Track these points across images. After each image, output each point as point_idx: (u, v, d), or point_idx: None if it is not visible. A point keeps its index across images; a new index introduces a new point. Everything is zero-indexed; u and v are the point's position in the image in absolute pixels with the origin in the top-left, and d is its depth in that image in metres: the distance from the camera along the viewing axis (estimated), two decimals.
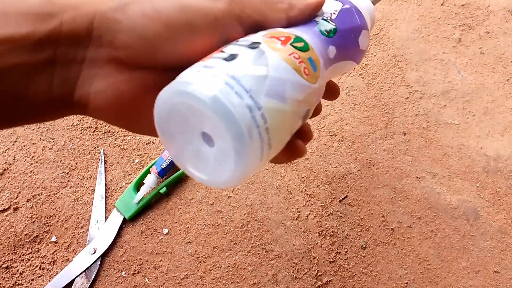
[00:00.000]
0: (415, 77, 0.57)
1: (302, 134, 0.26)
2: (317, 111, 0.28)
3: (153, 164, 0.50)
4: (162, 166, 0.49)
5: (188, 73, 0.21)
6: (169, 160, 0.49)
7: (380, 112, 0.55)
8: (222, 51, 0.22)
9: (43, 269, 0.46)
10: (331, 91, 0.30)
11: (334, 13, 0.27)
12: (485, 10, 0.60)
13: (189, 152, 0.22)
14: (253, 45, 0.22)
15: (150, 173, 0.49)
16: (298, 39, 0.24)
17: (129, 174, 0.51)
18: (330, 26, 0.26)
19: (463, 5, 0.61)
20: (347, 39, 0.27)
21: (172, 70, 0.23)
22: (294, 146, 0.25)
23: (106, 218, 0.49)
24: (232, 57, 0.21)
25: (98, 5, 0.22)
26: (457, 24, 0.60)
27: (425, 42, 0.59)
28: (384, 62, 0.57)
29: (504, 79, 0.56)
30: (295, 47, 0.23)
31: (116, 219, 0.48)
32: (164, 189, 0.49)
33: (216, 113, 0.19)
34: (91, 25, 0.21)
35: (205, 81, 0.20)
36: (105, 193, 0.50)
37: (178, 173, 0.50)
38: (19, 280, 0.46)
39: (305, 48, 0.23)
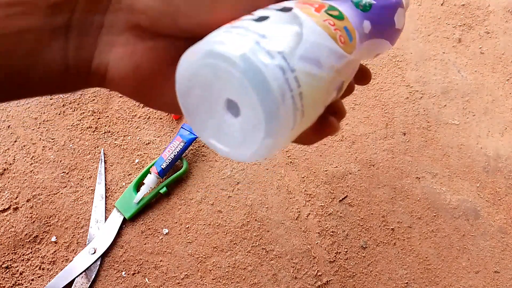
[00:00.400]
0: (415, 77, 0.57)
1: (336, 110, 0.24)
2: (350, 88, 0.26)
3: (153, 164, 0.50)
4: (162, 166, 0.49)
5: (214, 34, 0.20)
6: (169, 160, 0.49)
7: (380, 112, 0.55)
8: (252, 14, 0.21)
9: (43, 269, 0.46)
10: (363, 74, 0.28)
11: None
12: (485, 10, 0.60)
13: (212, 124, 0.21)
14: (285, 9, 0.21)
15: (150, 173, 0.49)
16: (332, 7, 0.23)
17: (129, 174, 0.51)
18: (365, 0, 0.25)
19: (463, 5, 0.61)
20: (383, 15, 0.26)
21: (195, 40, 0.21)
22: (326, 122, 0.23)
23: (106, 218, 0.49)
24: (262, 18, 0.20)
25: None
26: (457, 24, 0.60)
27: (425, 42, 0.59)
28: (384, 62, 0.57)
29: (504, 78, 0.56)
30: (330, 15, 0.22)
31: (116, 219, 0.48)
32: (164, 189, 0.49)
33: (245, 74, 0.17)
34: None
35: (233, 40, 0.18)
36: (105, 193, 0.50)
37: (178, 173, 0.50)
38: (19, 280, 0.46)
39: (340, 17, 0.22)
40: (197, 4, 0.21)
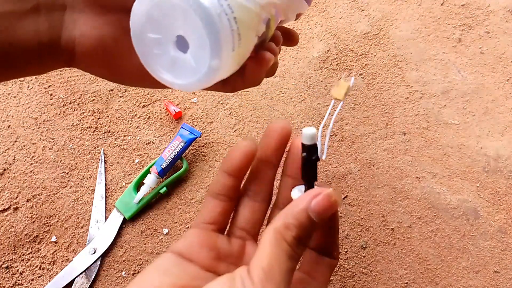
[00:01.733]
0: (415, 77, 0.57)
1: (269, 49, 0.28)
2: (277, 39, 0.30)
3: (153, 164, 0.50)
4: (162, 166, 0.49)
5: None
6: (169, 160, 0.49)
7: (380, 112, 0.55)
8: None
9: (43, 269, 0.46)
10: (290, 36, 0.33)
11: None
12: (485, 10, 0.60)
13: (165, 62, 0.24)
14: None
15: (150, 173, 0.49)
16: None
17: (129, 174, 0.51)
18: None
19: (463, 5, 0.61)
20: None
21: None
22: (262, 55, 0.27)
23: (106, 218, 0.49)
24: None
25: None
26: (457, 24, 0.60)
27: (425, 42, 0.59)
28: (384, 62, 0.57)
29: (504, 79, 0.56)
30: None
31: (116, 219, 0.48)
32: (164, 189, 0.49)
33: (190, 6, 0.21)
34: None
35: None
36: (105, 193, 0.50)
37: (178, 173, 0.50)
38: (19, 280, 0.46)
39: None
40: None
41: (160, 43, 0.24)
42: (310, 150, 0.25)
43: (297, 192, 0.27)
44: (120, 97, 0.55)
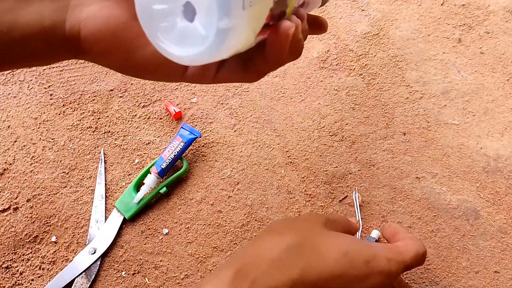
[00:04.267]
0: (415, 77, 0.57)
1: (289, 19, 0.26)
2: (301, 15, 0.27)
3: (153, 164, 0.50)
4: (162, 166, 0.49)
5: None
6: (169, 160, 0.49)
7: (380, 112, 0.55)
8: None
9: (43, 269, 0.46)
10: (319, 23, 0.31)
11: None
12: (485, 10, 0.60)
13: (174, 35, 0.23)
14: None
15: (150, 173, 0.49)
16: None
17: (129, 174, 0.51)
18: None
19: (463, 5, 0.61)
20: None
21: None
22: (279, 24, 0.25)
23: (106, 218, 0.49)
24: None
25: None
26: (457, 24, 0.60)
27: (425, 42, 0.59)
28: (384, 62, 0.57)
29: (504, 79, 0.56)
30: None
31: (116, 219, 0.48)
32: (164, 189, 0.49)
33: None
34: None
35: None
36: (105, 193, 0.50)
37: (178, 173, 0.50)
38: (19, 280, 0.46)
39: None
40: None
41: (167, 14, 0.22)
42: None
43: None
44: (120, 97, 0.55)
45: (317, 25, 0.31)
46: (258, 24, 0.23)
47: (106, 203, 0.49)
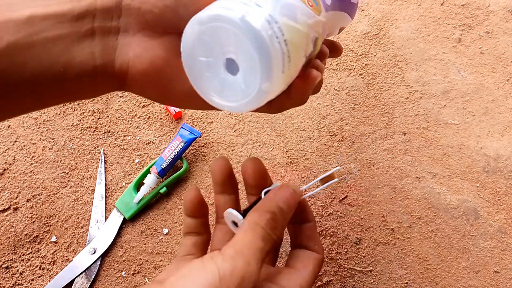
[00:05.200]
0: (415, 77, 0.57)
1: (315, 66, 0.29)
2: (324, 53, 0.30)
3: (153, 164, 0.50)
4: (162, 166, 0.49)
5: (209, 5, 0.23)
6: (169, 160, 0.49)
7: (380, 112, 0.55)
8: None
9: (43, 269, 0.46)
10: (335, 48, 0.34)
11: None
12: (485, 10, 0.60)
13: (215, 85, 0.25)
14: None
15: (150, 173, 0.49)
16: None
17: (129, 174, 0.51)
18: None
19: (463, 5, 0.61)
20: None
21: None
22: (308, 73, 0.28)
23: (106, 218, 0.49)
24: None
25: None
26: (457, 24, 0.60)
27: (425, 42, 0.59)
28: (384, 62, 0.57)
29: (504, 79, 0.56)
30: None
31: (116, 219, 0.48)
32: (164, 189, 0.49)
33: (240, 29, 0.22)
34: None
35: (225, 4, 0.22)
36: (105, 193, 0.50)
37: (178, 173, 0.50)
38: (19, 280, 0.46)
39: None
40: None
41: (210, 65, 0.24)
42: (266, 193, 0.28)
43: (229, 213, 0.30)
44: (120, 97, 0.55)
45: (333, 49, 0.34)
46: (292, 79, 0.26)
47: (106, 203, 0.49)
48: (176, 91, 0.27)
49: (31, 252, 0.47)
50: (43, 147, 0.52)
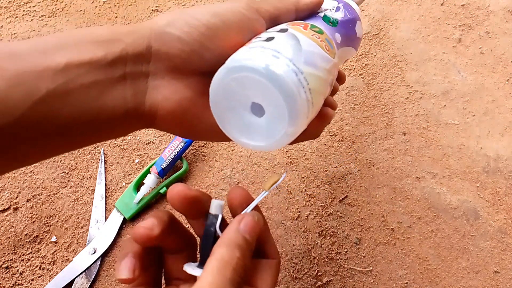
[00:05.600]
0: (415, 77, 0.57)
1: (328, 103, 0.31)
2: (335, 88, 0.34)
3: (153, 164, 0.50)
4: (162, 166, 0.49)
5: (237, 54, 0.25)
6: (169, 160, 0.49)
7: (380, 112, 0.55)
8: (259, 37, 0.27)
9: (43, 269, 0.46)
10: (340, 76, 0.36)
11: (333, 9, 0.34)
12: (485, 10, 0.60)
13: (241, 126, 0.26)
14: (283, 30, 0.27)
15: (150, 173, 0.49)
16: (313, 26, 0.29)
17: (129, 174, 0.51)
18: (333, 17, 0.33)
19: (463, 5, 0.61)
20: (347, 28, 0.34)
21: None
22: (325, 111, 0.30)
23: (106, 218, 0.49)
24: (269, 39, 0.26)
25: (152, 26, 0.26)
26: (457, 24, 0.60)
27: (425, 42, 0.59)
28: (384, 62, 0.57)
29: (504, 79, 0.56)
30: (314, 31, 0.28)
31: (116, 219, 0.48)
32: (164, 189, 0.49)
33: (270, 80, 0.23)
34: (149, 44, 0.26)
35: (255, 55, 0.24)
36: (105, 193, 0.50)
37: (178, 173, 0.50)
38: (19, 280, 0.46)
39: (321, 32, 0.29)
40: (214, 38, 0.27)
41: (236, 109, 0.26)
42: (211, 220, 0.27)
43: (188, 267, 0.27)
44: None
45: (337, 78, 0.35)
46: (311, 120, 0.28)
47: (106, 203, 0.49)
48: (201, 127, 0.29)
49: (31, 252, 0.47)
50: None
